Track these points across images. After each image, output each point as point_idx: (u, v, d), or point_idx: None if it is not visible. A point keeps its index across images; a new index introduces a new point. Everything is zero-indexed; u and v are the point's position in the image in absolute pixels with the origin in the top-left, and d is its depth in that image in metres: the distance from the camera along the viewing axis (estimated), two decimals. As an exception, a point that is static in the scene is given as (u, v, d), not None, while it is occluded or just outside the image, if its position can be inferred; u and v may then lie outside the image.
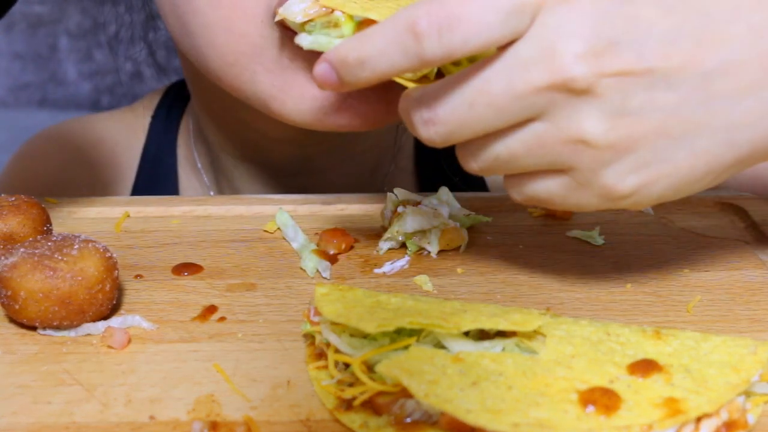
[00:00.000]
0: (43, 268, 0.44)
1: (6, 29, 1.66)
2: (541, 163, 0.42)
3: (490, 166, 0.43)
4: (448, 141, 0.42)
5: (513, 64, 0.39)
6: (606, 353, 0.41)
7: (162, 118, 0.85)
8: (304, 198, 0.64)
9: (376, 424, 0.39)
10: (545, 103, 0.40)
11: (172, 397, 0.41)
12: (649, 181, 0.41)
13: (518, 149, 0.42)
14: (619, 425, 0.36)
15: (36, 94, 1.76)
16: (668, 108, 0.39)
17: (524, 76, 0.39)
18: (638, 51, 0.38)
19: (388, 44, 0.40)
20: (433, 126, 0.42)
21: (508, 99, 0.40)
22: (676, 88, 0.39)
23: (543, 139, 0.41)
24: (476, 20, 0.38)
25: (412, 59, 0.40)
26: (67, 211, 0.62)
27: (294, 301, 0.50)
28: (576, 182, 0.42)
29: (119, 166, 0.85)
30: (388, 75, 0.42)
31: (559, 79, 0.39)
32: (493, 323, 0.42)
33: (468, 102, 0.41)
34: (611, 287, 0.52)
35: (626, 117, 0.39)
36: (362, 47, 0.41)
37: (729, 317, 0.49)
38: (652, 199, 0.43)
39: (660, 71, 0.39)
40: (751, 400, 0.40)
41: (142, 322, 0.47)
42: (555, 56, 0.38)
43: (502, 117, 0.41)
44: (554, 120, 0.40)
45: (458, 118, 0.41)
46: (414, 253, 0.56)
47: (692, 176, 0.41)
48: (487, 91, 0.40)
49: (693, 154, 0.40)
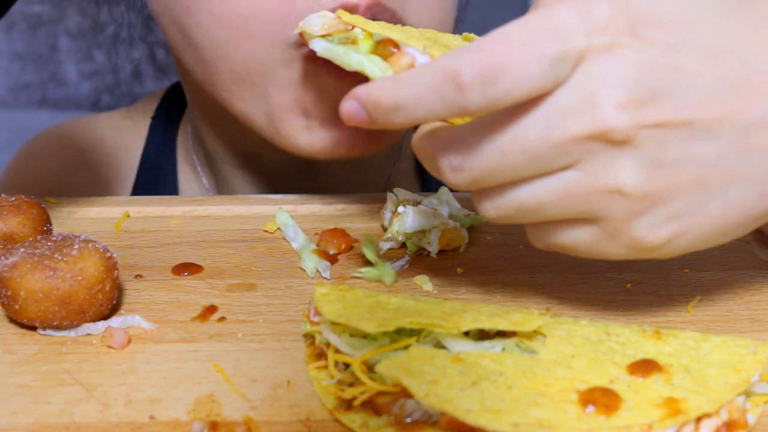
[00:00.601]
0: (43, 268, 0.44)
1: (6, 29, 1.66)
2: (569, 212, 0.41)
3: (513, 214, 0.42)
4: (474, 186, 0.41)
5: (552, 112, 0.38)
6: (606, 353, 0.41)
7: (162, 119, 0.85)
8: (304, 198, 0.64)
9: (376, 424, 0.39)
10: (581, 152, 0.38)
11: (172, 397, 0.41)
12: (681, 232, 0.40)
13: (546, 198, 0.40)
14: (619, 425, 0.36)
15: (36, 94, 1.76)
16: (706, 160, 0.38)
17: (563, 124, 0.38)
18: (679, 102, 0.38)
19: (427, 92, 0.38)
20: (461, 173, 0.40)
21: (544, 147, 0.38)
22: (715, 139, 0.38)
23: (575, 189, 0.40)
24: (520, 70, 0.37)
25: (452, 109, 0.38)
26: (67, 211, 0.62)
27: (294, 301, 0.50)
28: (605, 232, 0.41)
29: (120, 167, 0.85)
30: (424, 121, 0.41)
31: (599, 129, 0.37)
32: (493, 323, 0.42)
33: (501, 149, 0.39)
34: (611, 287, 0.52)
35: (663, 168, 0.38)
36: (398, 92, 0.39)
37: (729, 317, 0.49)
38: (682, 250, 0.41)
39: (700, 123, 0.38)
40: (751, 400, 0.40)
41: (142, 322, 0.47)
42: (596, 106, 0.37)
43: (534, 165, 0.39)
44: (589, 169, 0.39)
45: (489, 166, 0.40)
46: (414, 253, 0.56)
47: (724, 227, 0.40)
48: (522, 139, 0.39)
49: (726, 205, 0.40)
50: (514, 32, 0.37)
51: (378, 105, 0.40)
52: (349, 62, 0.49)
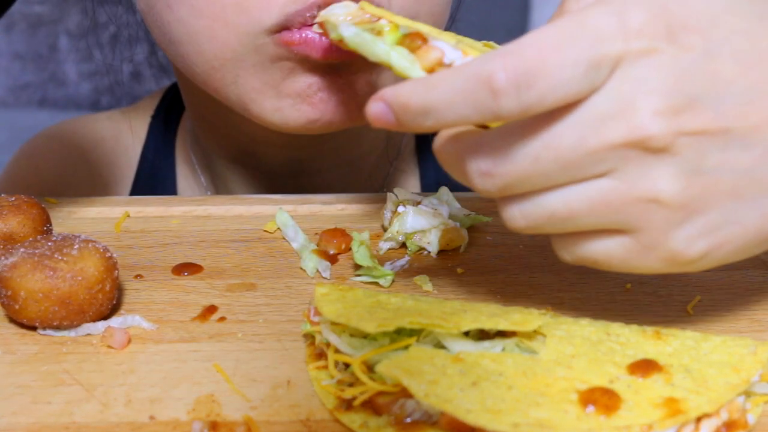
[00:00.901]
0: (43, 268, 0.44)
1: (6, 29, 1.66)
2: (603, 222, 0.39)
3: (543, 223, 0.40)
4: (504, 193, 0.40)
5: (587, 119, 0.37)
6: (606, 353, 0.41)
7: (161, 118, 0.86)
8: (304, 198, 0.64)
9: (376, 424, 0.39)
10: (617, 160, 0.37)
11: (172, 397, 0.41)
12: (718, 244, 0.39)
13: (579, 206, 0.39)
14: (619, 425, 0.36)
15: (36, 94, 1.76)
16: (742, 168, 0.38)
17: (599, 131, 0.37)
18: (716, 109, 0.37)
19: (459, 96, 0.37)
20: (491, 178, 0.39)
21: (578, 155, 0.37)
22: (750, 148, 0.38)
23: (610, 198, 0.38)
24: (556, 75, 0.36)
25: (485, 114, 0.37)
26: (67, 211, 0.62)
27: (294, 301, 0.50)
28: (641, 245, 0.39)
29: (119, 166, 0.85)
30: (454, 126, 0.39)
31: (637, 136, 0.37)
32: (493, 323, 0.42)
33: (533, 156, 0.38)
34: (611, 287, 0.52)
35: (701, 177, 0.38)
36: (429, 95, 0.38)
37: (729, 317, 0.49)
38: (717, 263, 0.40)
39: (737, 131, 0.37)
40: (751, 400, 0.40)
41: (142, 322, 0.47)
42: (633, 112, 0.37)
43: (568, 172, 0.38)
44: (625, 177, 0.38)
45: (521, 172, 0.38)
46: (414, 253, 0.56)
47: (759, 238, 0.40)
48: (556, 146, 0.37)
49: (762, 216, 0.39)
50: (549, 36, 0.36)
51: (407, 108, 0.39)
52: (376, 51, 0.46)
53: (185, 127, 0.84)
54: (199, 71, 0.61)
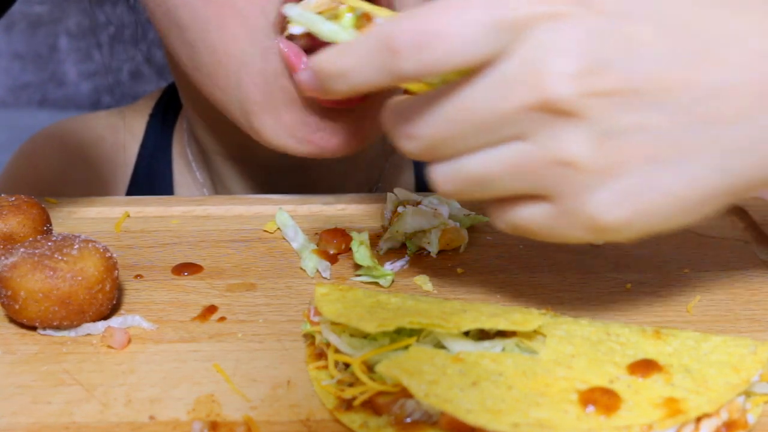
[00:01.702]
0: (43, 268, 0.44)
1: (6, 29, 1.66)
2: (522, 186, 0.40)
3: (464, 187, 0.41)
4: (428, 156, 0.41)
5: (496, 82, 0.38)
6: (606, 353, 0.41)
7: (159, 116, 0.86)
8: (304, 198, 0.64)
9: (376, 424, 0.39)
10: (529, 123, 0.38)
11: (172, 397, 0.41)
12: (639, 211, 0.38)
13: (496, 169, 0.39)
14: (619, 425, 0.36)
15: (36, 94, 1.76)
16: (656, 130, 0.37)
17: (508, 93, 0.37)
18: (628, 71, 0.37)
19: (365, 59, 0.39)
20: (412, 141, 0.41)
21: (489, 117, 0.38)
22: (666, 110, 0.37)
23: (524, 161, 0.39)
24: (455, 37, 0.37)
25: (388, 76, 0.39)
26: (67, 211, 0.62)
27: (294, 301, 0.50)
28: (561, 211, 0.39)
29: (117, 164, 0.85)
30: (366, 89, 0.40)
31: (544, 98, 0.37)
32: (493, 323, 0.42)
33: (448, 118, 0.39)
34: (611, 287, 0.52)
35: (614, 139, 0.37)
36: (340, 60, 0.40)
37: (729, 317, 0.49)
38: (643, 231, 0.39)
39: (650, 93, 0.37)
40: (751, 400, 0.40)
41: (142, 322, 0.47)
42: (541, 75, 0.37)
43: (483, 136, 0.39)
44: (537, 140, 0.38)
45: (438, 135, 0.40)
46: (414, 253, 0.56)
47: (685, 205, 0.39)
48: (468, 109, 0.38)
49: (684, 180, 0.38)
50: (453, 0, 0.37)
51: (322, 72, 0.41)
52: (322, 30, 0.48)
53: (182, 126, 0.84)
54: (206, 62, 0.60)
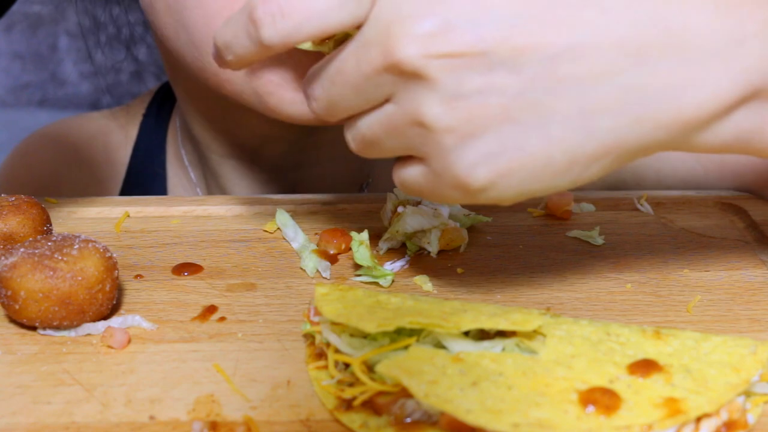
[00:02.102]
0: (43, 268, 0.44)
1: (6, 29, 1.66)
2: (400, 146, 0.42)
3: (362, 146, 0.44)
4: (328, 116, 0.43)
5: (357, 45, 0.40)
6: (606, 353, 0.41)
7: (153, 116, 0.86)
8: (304, 198, 0.64)
9: (376, 424, 0.39)
10: (390, 85, 0.39)
11: (172, 397, 0.41)
12: (504, 172, 0.39)
13: (377, 130, 0.42)
14: (619, 425, 0.36)
15: (36, 94, 1.76)
16: (510, 92, 0.38)
17: (366, 57, 0.39)
18: (474, 33, 0.37)
19: (237, 30, 0.42)
20: (312, 101, 0.44)
21: (358, 79, 0.40)
22: (518, 71, 0.37)
23: (392, 121, 0.41)
24: (308, 7, 0.39)
25: (256, 46, 0.42)
26: (67, 211, 0.62)
27: (294, 301, 0.50)
28: (431, 171, 0.41)
29: (112, 164, 0.85)
30: (249, 59, 0.44)
31: (393, 61, 0.38)
32: (493, 323, 0.42)
33: (330, 80, 0.42)
34: (611, 287, 0.52)
35: (463, 100, 0.38)
36: (221, 32, 0.44)
37: (729, 317, 0.49)
38: (513, 192, 0.40)
39: (499, 53, 0.37)
40: (751, 400, 0.40)
41: (142, 322, 0.47)
42: (389, 38, 0.38)
43: (360, 96, 0.41)
44: (399, 102, 0.40)
45: (326, 95, 0.42)
46: (414, 253, 0.56)
47: (552, 167, 0.39)
48: (342, 70, 0.41)
49: (547, 141, 0.38)
50: None
51: (216, 45, 0.45)
52: None
53: (176, 126, 0.84)
54: None
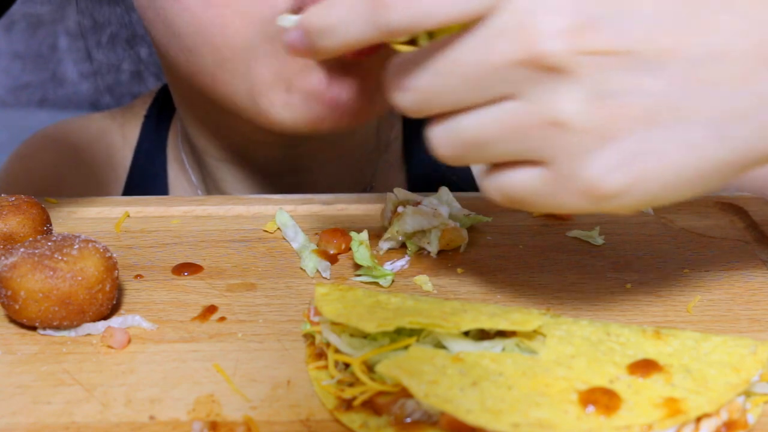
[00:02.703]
0: (43, 268, 0.44)
1: (6, 29, 1.66)
2: (517, 149, 0.39)
3: (460, 150, 0.40)
4: (420, 110, 0.40)
5: (487, 36, 0.37)
6: (606, 353, 0.41)
7: (153, 118, 0.86)
8: (304, 198, 0.64)
9: (376, 424, 0.39)
10: (520, 80, 0.37)
11: (172, 397, 0.41)
12: (639, 177, 0.38)
13: (490, 130, 0.39)
14: (619, 425, 0.36)
15: (36, 94, 1.76)
16: (653, 93, 0.37)
17: (498, 48, 0.37)
18: (621, 30, 0.36)
19: (354, 13, 0.39)
20: (404, 92, 0.40)
21: (480, 71, 0.37)
22: (660, 72, 0.36)
23: (517, 120, 0.38)
24: None
25: (376, 30, 0.38)
26: (67, 211, 0.62)
27: (294, 301, 0.50)
28: (556, 175, 0.38)
29: (112, 165, 0.85)
30: (355, 44, 0.40)
31: (534, 53, 0.36)
32: (493, 323, 0.42)
33: (440, 71, 0.38)
34: (611, 287, 0.52)
35: (606, 99, 0.37)
36: (328, 14, 0.40)
37: (729, 317, 0.49)
38: (643, 200, 0.39)
39: (644, 54, 0.36)
40: (751, 400, 0.40)
41: (142, 322, 0.47)
42: (530, 29, 0.36)
43: (474, 91, 0.38)
44: (529, 99, 0.37)
45: (430, 87, 0.39)
46: (414, 253, 0.56)
47: (684, 174, 0.38)
48: (459, 62, 0.38)
49: (685, 147, 0.37)
50: None
51: (310, 28, 0.40)
52: None
53: (176, 127, 0.84)
54: (208, 63, 0.61)
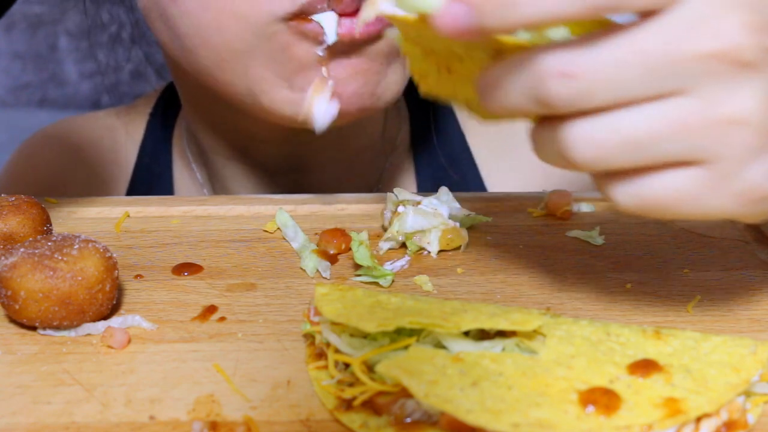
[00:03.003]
0: (43, 268, 0.44)
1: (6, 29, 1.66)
2: (680, 148, 0.36)
3: (616, 149, 0.36)
4: (579, 102, 0.36)
5: (676, 26, 0.35)
6: (606, 353, 0.41)
7: (159, 116, 0.86)
8: (304, 198, 0.64)
9: (376, 424, 0.39)
10: (702, 74, 0.35)
11: (172, 397, 0.41)
12: None
13: (657, 128, 0.36)
14: (619, 425, 0.36)
15: (36, 94, 1.76)
16: None
17: (687, 39, 0.35)
18: None
19: None
20: (570, 80, 0.35)
21: (664, 62, 0.35)
22: None
23: (689, 117, 0.36)
24: None
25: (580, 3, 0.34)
26: (67, 211, 0.62)
27: (294, 301, 0.50)
28: (715, 176, 0.37)
29: (117, 164, 0.85)
30: (547, 19, 0.35)
31: (726, 47, 0.35)
32: (493, 323, 0.42)
33: (620, 59, 0.35)
34: (611, 287, 0.52)
35: None
36: None
37: (729, 317, 0.49)
38: None
39: None
40: (751, 400, 0.40)
41: (142, 322, 0.47)
42: (721, 23, 0.35)
43: (651, 83, 0.36)
44: (707, 95, 0.36)
45: (604, 76, 0.35)
46: (414, 253, 0.56)
47: None
48: (642, 50, 0.35)
49: None
50: None
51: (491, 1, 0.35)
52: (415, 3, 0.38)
53: (182, 125, 0.84)
54: (208, 64, 0.61)
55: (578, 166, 0.37)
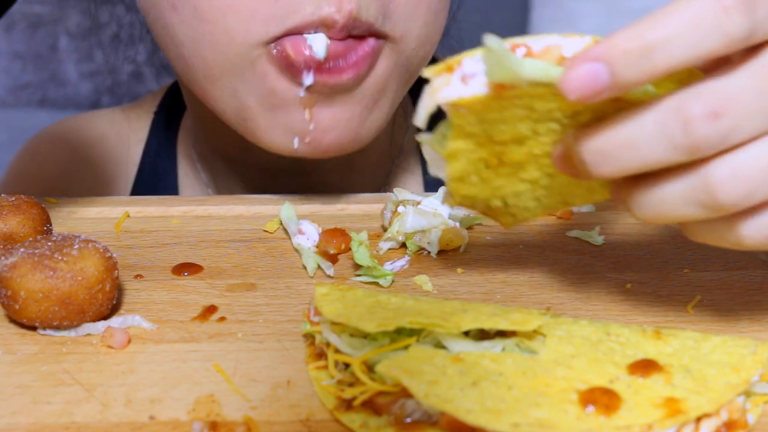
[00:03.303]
0: (43, 268, 0.44)
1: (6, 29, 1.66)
2: None
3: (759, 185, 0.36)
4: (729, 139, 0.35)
5: None
6: (606, 353, 0.41)
7: (163, 115, 0.86)
8: (305, 198, 0.64)
9: (376, 424, 0.39)
10: None
11: (172, 397, 0.41)
12: None
13: None
14: (619, 425, 0.36)
15: (36, 94, 1.76)
16: None
17: None
18: None
19: (690, 22, 0.34)
20: (720, 118, 0.34)
21: None
22: None
23: None
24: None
25: (724, 35, 0.33)
26: (67, 211, 0.62)
27: (294, 301, 0.50)
28: None
29: (121, 163, 0.85)
30: (682, 61, 0.34)
31: None
32: (493, 323, 0.42)
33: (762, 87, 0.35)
34: (611, 287, 0.52)
35: None
36: (653, 30, 0.34)
37: (729, 317, 0.49)
38: None
39: None
40: (751, 400, 0.40)
41: (142, 322, 0.47)
42: None
43: None
44: None
45: (753, 108, 0.35)
46: (414, 253, 0.56)
47: None
48: None
49: None
50: None
51: (626, 52, 0.34)
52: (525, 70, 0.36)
53: (186, 125, 0.84)
54: (200, 76, 0.61)
55: (724, 208, 0.36)
